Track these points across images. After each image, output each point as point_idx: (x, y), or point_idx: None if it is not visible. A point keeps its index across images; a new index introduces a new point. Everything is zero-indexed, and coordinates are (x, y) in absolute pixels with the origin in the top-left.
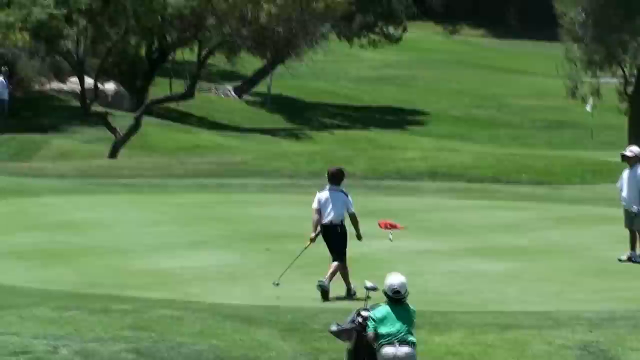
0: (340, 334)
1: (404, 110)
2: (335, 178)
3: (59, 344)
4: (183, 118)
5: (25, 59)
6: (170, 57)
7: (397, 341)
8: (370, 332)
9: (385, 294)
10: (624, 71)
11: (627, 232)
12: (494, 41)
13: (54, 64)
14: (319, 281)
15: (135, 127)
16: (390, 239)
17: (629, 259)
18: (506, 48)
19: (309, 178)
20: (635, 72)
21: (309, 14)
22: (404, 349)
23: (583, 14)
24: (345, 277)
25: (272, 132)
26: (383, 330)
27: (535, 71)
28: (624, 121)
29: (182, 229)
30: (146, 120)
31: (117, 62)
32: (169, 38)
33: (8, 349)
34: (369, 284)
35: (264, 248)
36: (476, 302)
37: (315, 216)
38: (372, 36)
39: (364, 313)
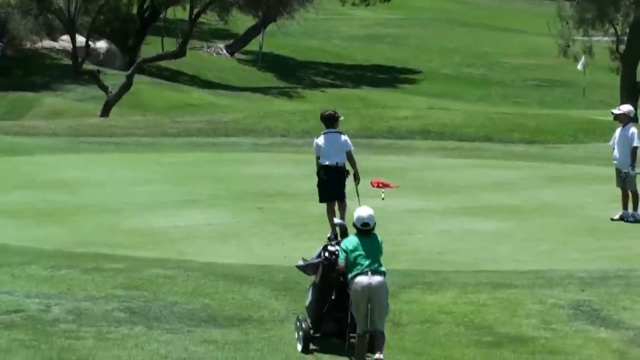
0: (306, 268)
1: (396, 68)
2: (330, 120)
3: (52, 302)
4: (175, 76)
5: (17, 17)
6: (161, 16)
7: (370, 271)
8: (341, 262)
9: (355, 226)
10: (615, 29)
11: (619, 191)
12: None
13: (46, 22)
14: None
15: (127, 86)
16: (382, 198)
17: (621, 218)
18: (498, 5)
19: (301, 136)
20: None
21: None
22: (377, 278)
23: None
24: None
25: (264, 90)
26: (354, 260)
27: (526, 29)
28: (616, 80)
29: (174, 187)
30: (138, 78)
31: (109, 20)
32: None
33: (0, 308)
34: (336, 220)
35: (256, 207)
36: (468, 261)
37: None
38: None
39: (330, 248)
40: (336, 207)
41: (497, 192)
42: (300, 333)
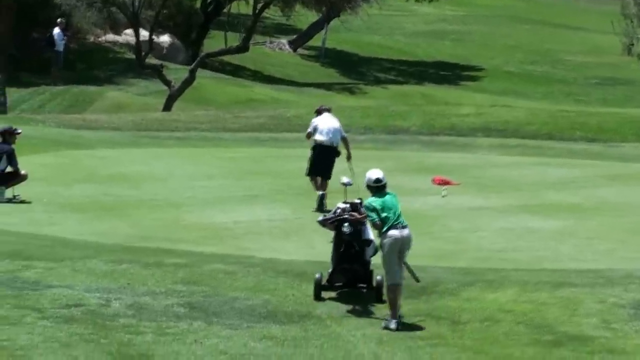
0: (324, 223)
1: (459, 65)
2: (326, 109)
3: (112, 297)
4: (237, 71)
5: (81, 11)
6: (225, 10)
7: (399, 224)
8: (377, 221)
9: (369, 187)
10: None
11: None
12: None
13: (110, 15)
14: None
15: (189, 80)
16: (443, 195)
17: None
18: (560, 3)
19: (362, 133)
20: None
21: None
22: (406, 231)
23: None
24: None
25: (326, 86)
26: (384, 216)
27: (590, 27)
28: None
29: (235, 183)
30: (200, 73)
31: (172, 14)
32: None
33: (61, 302)
34: (344, 179)
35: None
36: (529, 259)
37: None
38: None
39: (340, 205)
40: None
41: (558, 190)
42: (314, 283)
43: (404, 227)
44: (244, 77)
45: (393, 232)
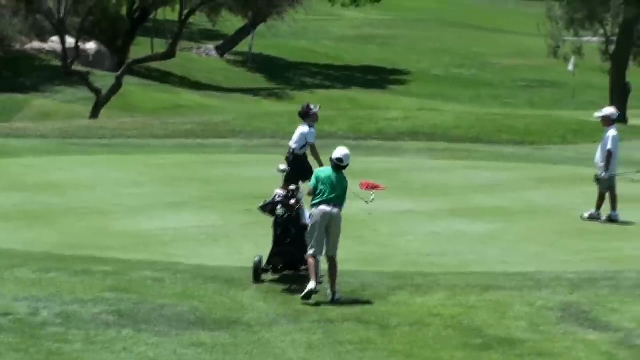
0: (265, 209)
1: (386, 69)
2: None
3: (40, 305)
4: (164, 78)
5: (7, 18)
6: (151, 16)
7: (332, 202)
8: (310, 186)
9: (331, 160)
10: (605, 30)
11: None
12: None
13: (35, 23)
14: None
15: (116, 87)
16: (371, 200)
17: (592, 218)
18: (487, 6)
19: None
20: (616, 31)
21: None
22: (337, 209)
23: None
24: None
25: (253, 91)
26: (322, 188)
27: (517, 30)
28: (606, 81)
29: (163, 189)
30: (127, 79)
31: (98, 21)
32: None
33: None
34: (281, 166)
35: (244, 209)
36: (457, 263)
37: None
38: None
39: (278, 191)
40: None
41: (486, 194)
42: (252, 266)
43: (336, 205)
44: (171, 83)
45: (323, 207)
